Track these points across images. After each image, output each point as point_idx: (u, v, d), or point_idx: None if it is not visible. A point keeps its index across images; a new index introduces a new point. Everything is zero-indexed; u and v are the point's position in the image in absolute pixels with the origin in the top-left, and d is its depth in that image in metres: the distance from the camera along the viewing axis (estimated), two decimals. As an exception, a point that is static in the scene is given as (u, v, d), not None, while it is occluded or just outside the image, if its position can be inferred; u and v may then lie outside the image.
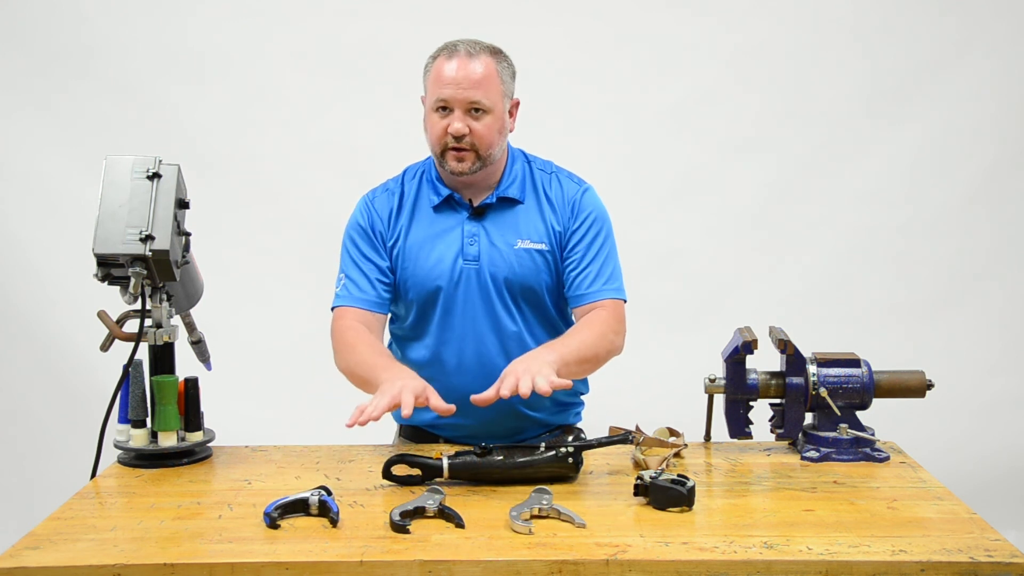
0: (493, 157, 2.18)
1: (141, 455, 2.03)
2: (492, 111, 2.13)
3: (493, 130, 2.14)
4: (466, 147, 2.13)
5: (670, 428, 2.11)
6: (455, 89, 2.11)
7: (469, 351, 2.21)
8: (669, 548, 1.56)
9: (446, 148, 2.14)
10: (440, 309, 2.21)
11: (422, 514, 1.68)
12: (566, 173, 2.30)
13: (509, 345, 2.21)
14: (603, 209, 2.28)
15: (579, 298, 2.22)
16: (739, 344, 2.06)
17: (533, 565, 1.52)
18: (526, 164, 2.29)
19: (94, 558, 1.54)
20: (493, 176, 2.23)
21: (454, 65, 2.12)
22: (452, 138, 2.13)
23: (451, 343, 2.22)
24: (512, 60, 2.22)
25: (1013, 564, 1.51)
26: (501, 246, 2.21)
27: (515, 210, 2.24)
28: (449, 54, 2.14)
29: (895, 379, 2.10)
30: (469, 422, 2.22)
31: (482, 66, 2.12)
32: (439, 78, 2.13)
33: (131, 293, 1.97)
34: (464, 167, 2.15)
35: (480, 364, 2.20)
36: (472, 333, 2.21)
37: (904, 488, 1.87)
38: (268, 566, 1.52)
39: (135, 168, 2.00)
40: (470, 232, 2.21)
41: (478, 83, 2.11)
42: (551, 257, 2.23)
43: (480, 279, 2.20)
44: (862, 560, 1.52)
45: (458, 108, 2.12)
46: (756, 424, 2.11)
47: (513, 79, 2.21)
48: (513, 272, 2.20)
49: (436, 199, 2.23)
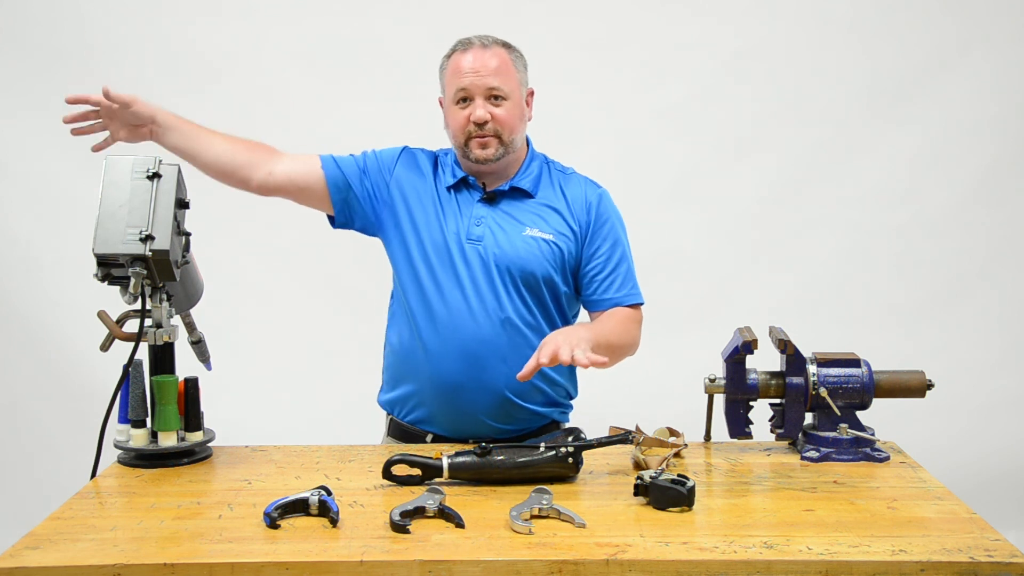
0: (515, 144, 2.25)
1: (141, 455, 2.03)
2: (511, 97, 2.21)
3: (514, 116, 2.22)
4: (489, 133, 2.20)
5: (670, 428, 2.11)
6: (474, 77, 2.19)
7: (459, 333, 2.19)
8: (669, 548, 1.56)
9: (470, 136, 2.21)
10: (437, 283, 2.21)
11: (422, 514, 1.69)
12: (584, 176, 2.35)
13: (501, 331, 2.19)
14: (619, 214, 2.33)
15: (601, 303, 2.27)
16: (739, 344, 2.06)
17: (533, 565, 1.52)
18: (544, 164, 2.35)
19: (94, 558, 1.54)
20: (511, 167, 2.28)
21: (470, 57, 2.20)
22: (475, 126, 2.20)
23: (442, 321, 2.20)
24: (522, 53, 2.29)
25: (1013, 564, 1.51)
26: (508, 230, 2.23)
27: (526, 202, 2.27)
28: (464, 48, 2.23)
29: (895, 379, 2.10)
30: (446, 409, 2.22)
31: (496, 57, 2.21)
32: (457, 71, 2.21)
33: (131, 293, 1.97)
34: (489, 153, 2.21)
35: (467, 351, 2.18)
36: (466, 313, 2.20)
37: (904, 488, 1.87)
38: (268, 566, 1.52)
39: (135, 168, 2.00)
40: (478, 215, 2.24)
41: (495, 71, 2.19)
42: (558, 249, 2.24)
43: (482, 259, 2.21)
44: (862, 560, 1.52)
45: (478, 96, 2.19)
46: (756, 424, 2.11)
47: (526, 70, 2.29)
48: (517, 256, 2.21)
49: (452, 179, 2.28)
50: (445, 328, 2.20)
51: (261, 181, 2.28)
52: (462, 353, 2.19)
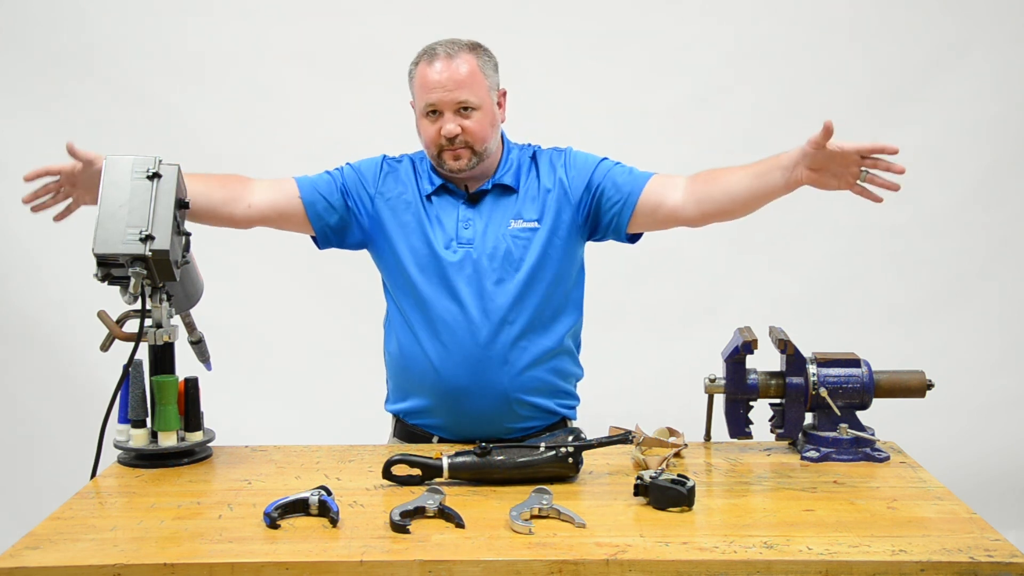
0: (488, 151, 2.22)
1: (141, 455, 2.03)
2: (481, 107, 2.18)
3: (485, 125, 2.19)
4: (461, 145, 2.18)
5: (670, 428, 2.11)
6: (442, 92, 2.15)
7: (460, 339, 2.19)
8: (669, 548, 1.56)
9: (442, 149, 2.19)
10: (432, 291, 2.21)
11: (422, 514, 1.69)
12: (550, 148, 2.35)
13: (501, 332, 2.19)
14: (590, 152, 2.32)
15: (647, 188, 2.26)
16: (739, 344, 2.06)
17: (533, 565, 1.52)
18: (519, 152, 2.33)
19: (94, 558, 1.54)
20: (490, 167, 2.27)
21: (437, 68, 2.16)
22: (446, 140, 2.17)
23: (442, 330, 2.20)
24: (492, 51, 2.25)
25: (1013, 564, 1.51)
26: (496, 228, 2.23)
27: (511, 197, 2.27)
28: (430, 59, 2.18)
29: (895, 379, 2.10)
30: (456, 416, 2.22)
31: (464, 64, 2.16)
32: (424, 84, 2.18)
33: (131, 293, 1.97)
34: (462, 164, 2.20)
35: (469, 356, 2.18)
36: (464, 318, 2.19)
37: (904, 488, 1.87)
38: (268, 566, 1.52)
39: (135, 168, 2.00)
40: (465, 217, 2.24)
41: (462, 82, 2.15)
42: (547, 231, 2.23)
43: (474, 261, 2.20)
44: (862, 560, 1.52)
45: (447, 110, 2.17)
46: (756, 424, 2.11)
47: (496, 70, 2.25)
48: (508, 252, 2.21)
49: (430, 187, 2.26)
50: (445, 336, 2.20)
51: (243, 215, 2.25)
52: (464, 359, 2.19)
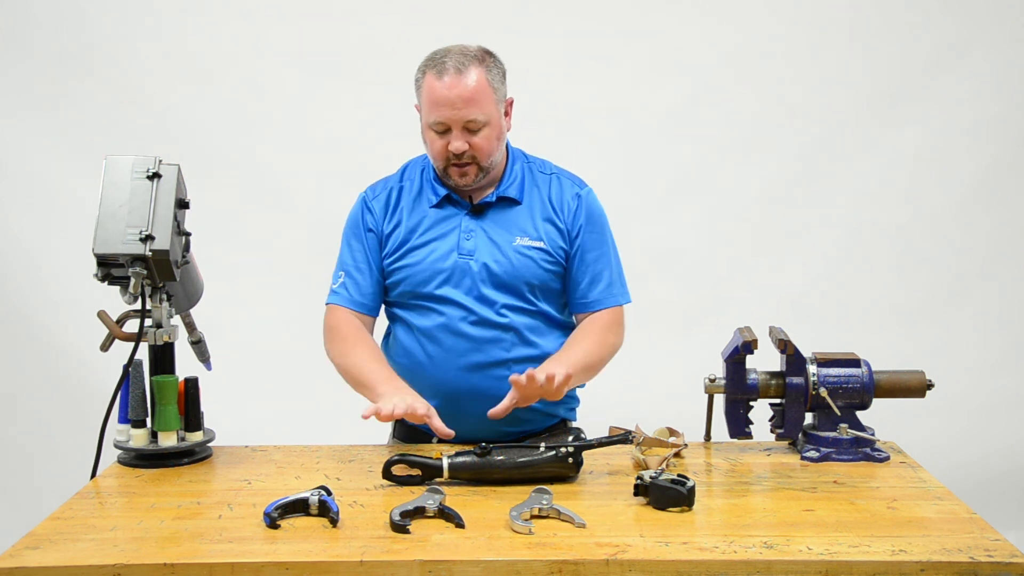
0: (494, 164, 2.23)
1: (141, 455, 2.03)
2: (489, 122, 2.17)
3: (491, 140, 2.19)
4: (468, 161, 2.18)
5: (670, 428, 2.11)
6: (451, 111, 2.14)
7: (460, 347, 2.20)
8: (669, 548, 1.56)
9: (448, 164, 2.19)
10: (435, 300, 2.22)
11: (422, 514, 1.69)
12: (566, 174, 2.33)
13: (500, 340, 2.21)
14: (603, 212, 2.32)
15: (583, 305, 2.28)
16: (739, 344, 2.06)
17: (533, 565, 1.52)
18: (526, 164, 2.32)
19: (94, 558, 1.54)
20: (494, 178, 2.27)
21: (446, 83, 2.13)
22: (453, 155, 2.17)
23: (442, 337, 2.21)
24: (500, 59, 2.23)
25: (1013, 564, 1.51)
26: (499, 242, 2.23)
27: (514, 209, 2.26)
28: (438, 72, 2.14)
29: (895, 379, 2.10)
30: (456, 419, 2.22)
31: (473, 80, 2.13)
32: (432, 99, 2.15)
33: (131, 293, 1.97)
34: (468, 180, 2.21)
35: (469, 363, 2.20)
36: (465, 327, 2.20)
37: (904, 488, 1.87)
38: (268, 566, 1.52)
39: (135, 168, 2.00)
40: (467, 228, 2.23)
41: (470, 100, 2.13)
42: (549, 255, 2.24)
43: (475, 272, 2.21)
44: (862, 560, 1.52)
45: (455, 128, 2.16)
46: (756, 424, 2.11)
47: (504, 79, 2.23)
48: (511, 266, 2.21)
49: (435, 198, 2.26)
50: (445, 342, 2.21)
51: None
52: (465, 365, 2.20)
